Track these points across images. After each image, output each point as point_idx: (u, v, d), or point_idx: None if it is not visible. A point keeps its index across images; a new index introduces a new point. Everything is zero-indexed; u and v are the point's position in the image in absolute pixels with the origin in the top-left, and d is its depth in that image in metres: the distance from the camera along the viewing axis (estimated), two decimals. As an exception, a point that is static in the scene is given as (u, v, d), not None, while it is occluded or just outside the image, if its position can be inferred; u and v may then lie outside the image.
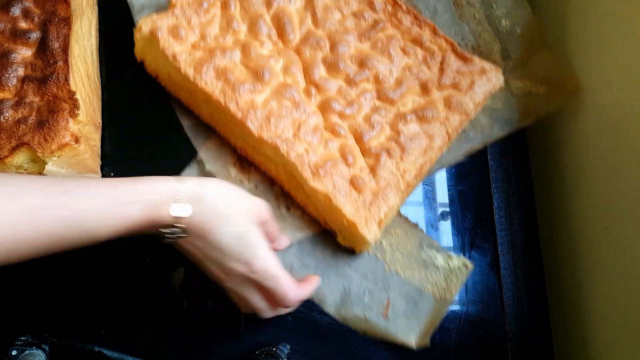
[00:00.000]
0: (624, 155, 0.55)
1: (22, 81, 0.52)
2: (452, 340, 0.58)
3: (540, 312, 0.61)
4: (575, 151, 0.63)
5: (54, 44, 0.53)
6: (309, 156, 0.54)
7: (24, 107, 0.51)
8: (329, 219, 0.57)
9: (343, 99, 0.58)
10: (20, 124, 0.50)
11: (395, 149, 0.56)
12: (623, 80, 0.56)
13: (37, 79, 0.52)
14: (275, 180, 0.60)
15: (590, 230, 0.60)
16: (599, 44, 0.60)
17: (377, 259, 0.58)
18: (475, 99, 0.59)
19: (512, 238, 0.63)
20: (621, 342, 0.54)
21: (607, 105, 0.59)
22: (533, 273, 0.63)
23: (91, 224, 0.39)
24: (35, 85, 0.52)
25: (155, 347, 0.54)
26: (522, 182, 0.66)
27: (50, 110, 0.51)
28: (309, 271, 0.56)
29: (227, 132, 0.60)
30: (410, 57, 0.60)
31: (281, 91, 0.56)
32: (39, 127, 0.50)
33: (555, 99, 0.64)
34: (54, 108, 0.51)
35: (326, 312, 0.56)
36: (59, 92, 0.52)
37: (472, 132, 0.64)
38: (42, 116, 0.50)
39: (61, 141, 0.50)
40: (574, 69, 0.63)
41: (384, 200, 0.54)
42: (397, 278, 0.57)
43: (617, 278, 0.55)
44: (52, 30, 0.54)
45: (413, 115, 0.58)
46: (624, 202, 0.55)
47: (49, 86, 0.52)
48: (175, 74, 0.57)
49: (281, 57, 0.58)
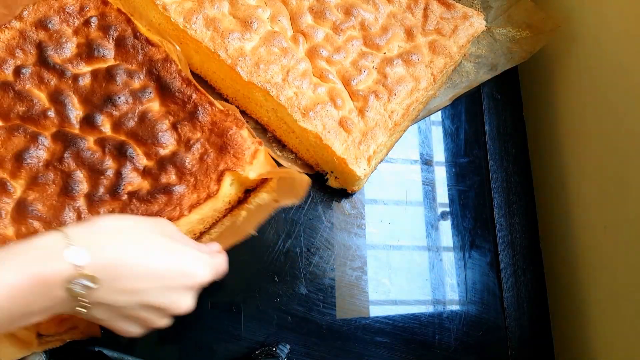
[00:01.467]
0: (624, 155, 0.55)
1: (174, 130, 0.52)
2: (452, 340, 0.58)
3: (540, 312, 0.61)
4: (575, 151, 0.63)
5: (174, 85, 0.54)
6: (298, 99, 0.56)
7: (196, 147, 0.51)
8: (320, 160, 0.59)
9: (330, 46, 0.60)
10: (205, 161, 0.51)
11: (382, 92, 0.58)
12: (620, 79, 0.56)
13: (185, 119, 0.52)
14: (267, 128, 0.62)
15: (590, 231, 0.60)
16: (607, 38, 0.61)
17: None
18: (458, 42, 0.62)
19: (512, 238, 0.63)
20: (621, 342, 0.54)
21: (608, 105, 0.59)
22: (533, 273, 0.63)
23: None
24: (189, 126, 0.52)
25: (155, 347, 0.54)
26: (522, 182, 0.66)
27: (220, 134, 0.52)
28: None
29: (218, 81, 0.62)
30: (394, 4, 0.63)
31: (269, 39, 0.58)
32: (223, 153, 0.51)
33: (538, 40, 0.67)
34: (221, 131, 0.52)
35: (325, 312, 0.56)
36: (214, 117, 0.53)
37: (458, 79, 0.67)
38: (218, 143, 0.52)
39: (250, 150, 0.52)
40: (554, 12, 0.66)
41: (372, 139, 0.56)
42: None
43: (616, 278, 0.55)
44: (163, 75, 0.54)
45: (399, 59, 0.60)
46: (624, 203, 0.55)
47: (202, 119, 0.52)
48: (165, 24, 0.59)
49: (268, 6, 0.60)
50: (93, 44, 0.55)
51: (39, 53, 0.53)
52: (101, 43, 0.55)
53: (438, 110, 0.67)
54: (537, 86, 0.71)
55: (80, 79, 0.53)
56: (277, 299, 0.56)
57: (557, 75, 0.68)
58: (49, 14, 0.55)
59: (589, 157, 0.61)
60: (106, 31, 0.55)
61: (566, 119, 0.65)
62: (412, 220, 0.62)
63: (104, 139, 0.51)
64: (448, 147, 0.67)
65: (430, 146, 0.66)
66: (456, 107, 0.69)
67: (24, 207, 0.47)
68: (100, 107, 0.52)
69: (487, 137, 0.68)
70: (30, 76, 0.52)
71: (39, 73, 0.53)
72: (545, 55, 0.69)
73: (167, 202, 0.49)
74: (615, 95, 0.57)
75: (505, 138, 0.65)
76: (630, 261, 0.53)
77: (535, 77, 0.72)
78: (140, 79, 0.54)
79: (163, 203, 0.49)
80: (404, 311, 0.58)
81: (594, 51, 0.62)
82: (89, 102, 0.53)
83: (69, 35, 0.55)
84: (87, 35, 0.55)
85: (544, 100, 0.70)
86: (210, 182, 0.50)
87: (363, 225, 0.61)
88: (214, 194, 0.49)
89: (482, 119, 0.69)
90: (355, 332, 0.56)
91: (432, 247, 0.62)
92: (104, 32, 0.55)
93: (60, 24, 0.55)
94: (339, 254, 0.59)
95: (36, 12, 0.55)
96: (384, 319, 0.58)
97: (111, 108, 0.52)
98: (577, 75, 0.64)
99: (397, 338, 0.57)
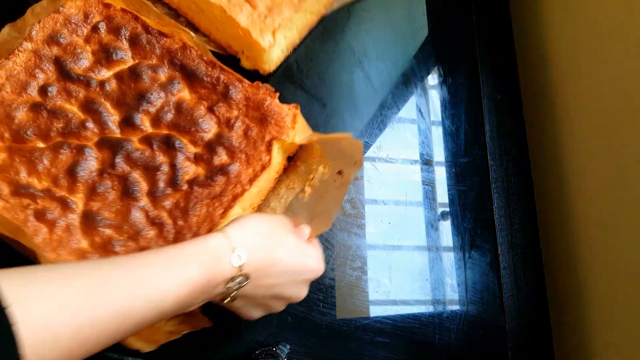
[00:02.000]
0: (624, 155, 0.55)
1: (212, 113, 0.54)
2: (452, 340, 0.58)
3: (540, 311, 0.61)
4: (575, 151, 0.64)
5: (200, 70, 0.55)
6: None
7: (237, 124, 0.53)
8: (230, 38, 0.60)
9: None
10: (250, 136, 0.53)
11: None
12: (620, 80, 0.56)
13: (219, 101, 0.54)
14: (179, 12, 0.63)
15: (590, 230, 0.60)
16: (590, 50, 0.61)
17: None
18: None
19: (512, 238, 0.63)
20: (620, 342, 0.54)
21: (607, 106, 0.59)
22: (533, 273, 0.63)
23: (153, 293, 0.36)
24: (225, 107, 0.54)
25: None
26: (522, 182, 0.66)
27: (256, 107, 0.54)
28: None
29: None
30: None
31: None
32: (265, 124, 0.53)
33: None
34: (257, 105, 0.54)
35: (325, 312, 0.56)
36: (247, 92, 0.55)
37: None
38: (257, 116, 0.54)
39: (290, 116, 0.54)
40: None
41: (278, 14, 0.58)
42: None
43: (616, 278, 0.55)
44: (186, 63, 0.55)
45: None
46: (624, 202, 0.55)
47: (235, 97, 0.54)
48: None
49: None
50: (109, 48, 0.55)
51: (59, 68, 0.53)
52: (116, 45, 0.55)
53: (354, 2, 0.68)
54: (537, 86, 0.71)
55: (106, 84, 0.54)
56: (277, 299, 0.55)
57: (557, 75, 0.68)
58: (56, 28, 0.55)
59: (589, 157, 0.61)
60: (117, 33, 0.55)
61: (566, 118, 0.65)
62: (412, 220, 0.61)
63: (148, 136, 0.52)
64: (448, 147, 0.67)
65: (430, 146, 0.66)
66: (456, 107, 0.69)
67: (91, 218, 0.48)
68: (135, 107, 0.53)
69: (487, 137, 0.68)
70: (58, 93, 0.52)
71: (65, 88, 0.53)
72: (545, 54, 0.69)
73: (226, 182, 0.51)
74: (615, 95, 0.57)
75: (505, 138, 0.65)
76: (630, 261, 0.53)
77: (535, 77, 0.72)
78: (165, 71, 0.55)
79: (223, 183, 0.51)
80: (404, 311, 0.58)
81: (594, 50, 0.62)
82: (122, 104, 0.53)
83: (81, 45, 0.55)
84: (100, 41, 0.55)
85: (544, 100, 0.70)
86: (261, 154, 0.52)
87: (363, 225, 0.61)
88: (268, 164, 0.52)
89: (482, 119, 0.69)
90: (355, 332, 0.56)
91: (432, 247, 0.62)
92: (116, 35, 0.55)
93: (70, 35, 0.55)
94: (339, 253, 0.59)
95: (44, 30, 0.54)
96: (384, 318, 0.58)
97: (146, 105, 0.53)
98: (577, 75, 0.64)
99: (397, 338, 0.57)
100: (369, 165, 0.63)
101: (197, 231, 0.49)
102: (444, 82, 0.71)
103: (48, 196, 0.48)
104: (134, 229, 0.48)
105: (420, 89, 0.70)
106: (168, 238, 0.49)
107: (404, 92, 0.69)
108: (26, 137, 0.50)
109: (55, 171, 0.49)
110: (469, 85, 0.71)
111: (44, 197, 0.48)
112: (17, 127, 0.50)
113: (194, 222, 0.50)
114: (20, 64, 0.53)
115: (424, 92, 0.70)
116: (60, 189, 0.49)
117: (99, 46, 0.55)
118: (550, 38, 0.69)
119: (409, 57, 0.71)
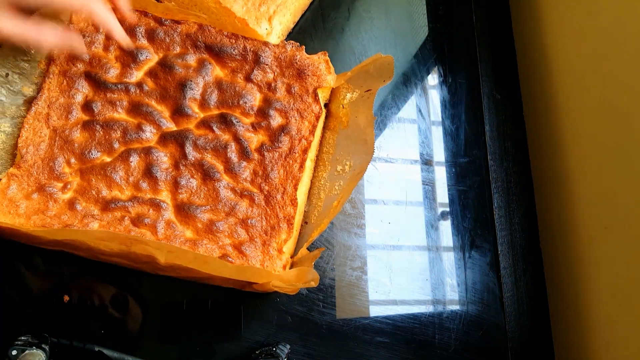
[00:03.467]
0: (624, 155, 0.55)
1: (250, 82, 0.56)
2: (452, 340, 0.58)
3: (540, 312, 0.62)
4: (574, 151, 0.64)
5: (224, 45, 0.56)
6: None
7: (278, 86, 0.56)
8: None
9: None
10: (294, 93, 0.56)
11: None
12: (620, 80, 0.56)
13: (253, 69, 0.56)
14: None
15: (590, 231, 0.60)
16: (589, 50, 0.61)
17: None
18: None
19: (512, 238, 0.63)
20: (621, 342, 0.54)
21: (607, 105, 0.59)
22: (533, 273, 0.63)
23: None
24: (260, 73, 0.56)
25: (155, 347, 0.53)
26: (522, 182, 0.66)
27: (289, 65, 0.56)
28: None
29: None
30: None
31: None
32: (303, 77, 0.56)
33: None
34: (289, 62, 0.56)
35: (325, 312, 0.56)
36: (275, 53, 0.57)
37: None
38: (293, 73, 0.56)
39: (322, 63, 0.57)
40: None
41: (272, 1, 0.59)
42: None
43: (616, 278, 0.55)
44: (210, 43, 0.56)
45: None
46: (624, 203, 0.55)
47: (267, 61, 0.56)
48: None
49: None
50: (131, 50, 0.54)
51: (93, 83, 0.53)
52: (137, 46, 0.55)
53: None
54: (537, 86, 0.71)
55: (143, 85, 0.54)
56: (277, 298, 0.56)
57: (556, 75, 0.68)
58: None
59: (589, 157, 0.61)
60: (133, 33, 0.55)
61: (566, 118, 0.65)
62: (412, 220, 0.61)
63: (203, 121, 0.54)
64: (448, 147, 0.67)
65: (430, 146, 0.67)
66: (456, 107, 0.69)
67: (185, 209, 0.50)
68: (180, 97, 0.54)
69: (487, 137, 0.68)
70: (102, 106, 0.53)
71: (107, 99, 0.53)
72: (545, 54, 0.69)
73: (290, 140, 0.54)
74: (616, 95, 0.57)
75: (505, 138, 0.65)
76: (631, 261, 0.53)
77: (535, 77, 0.72)
78: (193, 57, 0.56)
79: (288, 142, 0.54)
80: (404, 311, 0.58)
81: (595, 50, 0.62)
82: (166, 98, 0.54)
83: (103, 55, 0.55)
84: (119, 45, 0.55)
85: (543, 100, 0.70)
86: (311, 106, 0.56)
87: (363, 225, 0.61)
88: (320, 113, 0.56)
89: (482, 118, 0.69)
90: (355, 332, 0.56)
91: (432, 247, 0.62)
92: (132, 35, 0.55)
93: (89, 48, 0.54)
94: (339, 254, 0.59)
95: (62, 49, 0.53)
96: (384, 318, 0.58)
97: (190, 93, 0.54)
98: (578, 75, 0.64)
99: (397, 338, 0.57)
100: (369, 165, 0.63)
101: (285, 190, 0.53)
102: (444, 82, 0.71)
103: (137, 203, 0.50)
104: (229, 206, 0.51)
105: (421, 88, 0.70)
106: (261, 204, 0.53)
107: (404, 92, 0.69)
108: (91, 157, 0.51)
109: (134, 179, 0.51)
110: (469, 85, 0.71)
111: (134, 205, 0.50)
112: (79, 149, 0.51)
113: (278, 183, 0.53)
114: (54, 89, 0.53)
115: (424, 92, 0.70)
116: (144, 193, 0.51)
117: (120, 51, 0.55)
118: (550, 38, 0.69)
119: (409, 57, 0.71)
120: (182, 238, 0.49)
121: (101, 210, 0.49)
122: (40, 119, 0.51)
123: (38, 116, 0.51)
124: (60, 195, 0.49)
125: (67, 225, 0.47)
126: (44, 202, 0.49)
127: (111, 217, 0.49)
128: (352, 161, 0.54)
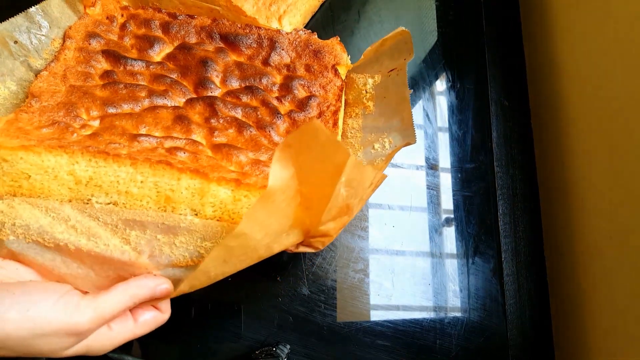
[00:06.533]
0: (631, 164, 0.55)
1: (269, 66, 0.56)
2: (453, 346, 0.57)
3: (543, 320, 0.61)
4: (581, 159, 0.63)
5: (239, 35, 0.57)
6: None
7: (297, 67, 0.56)
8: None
9: None
10: (314, 71, 0.56)
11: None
12: (629, 89, 0.56)
13: (270, 54, 0.57)
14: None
15: (595, 240, 0.59)
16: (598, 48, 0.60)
17: None
18: None
19: (516, 245, 0.63)
20: (624, 353, 0.53)
21: (615, 114, 0.58)
22: (536, 281, 0.62)
23: None
24: (278, 58, 0.57)
25: (155, 347, 0.54)
26: (527, 189, 0.66)
27: (305, 47, 0.57)
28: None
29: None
30: None
31: None
32: (320, 57, 0.57)
33: None
34: (304, 45, 0.58)
35: (326, 313, 0.56)
36: (290, 39, 0.58)
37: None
38: (310, 54, 0.57)
39: (337, 44, 0.58)
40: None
41: (283, 0, 0.61)
42: None
43: (620, 289, 0.55)
44: (225, 33, 0.57)
45: None
46: (630, 212, 0.54)
47: (283, 47, 0.57)
48: None
49: None
50: (149, 36, 0.54)
51: (112, 57, 0.52)
52: (154, 36, 0.55)
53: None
54: (545, 93, 0.71)
55: (164, 64, 0.54)
56: (278, 298, 0.56)
57: (565, 83, 0.68)
58: (89, 29, 0.54)
59: (595, 165, 0.61)
60: (148, 26, 0.56)
61: (574, 127, 0.65)
62: (416, 225, 0.61)
63: (228, 92, 0.53)
64: (454, 152, 0.67)
65: (437, 151, 0.66)
66: (463, 113, 0.69)
67: (224, 149, 0.47)
68: (203, 72, 0.53)
69: (494, 143, 0.68)
70: (122, 76, 0.51)
71: (127, 72, 0.51)
72: (554, 61, 0.69)
73: (319, 106, 0.54)
74: (624, 103, 0.57)
75: (511, 144, 0.65)
76: (635, 271, 0.53)
77: (543, 84, 0.71)
78: (210, 46, 0.56)
79: (317, 108, 0.54)
80: (406, 315, 0.58)
81: (605, 58, 0.61)
82: (188, 74, 0.53)
83: (120, 42, 0.55)
84: (135, 34, 0.55)
85: (551, 107, 0.69)
86: (332, 80, 0.56)
87: (367, 228, 0.61)
88: (343, 85, 0.56)
89: (489, 125, 0.68)
90: (356, 335, 0.56)
91: (435, 253, 0.62)
92: (147, 28, 0.56)
93: (106, 34, 0.55)
94: (342, 255, 0.59)
95: (79, 32, 0.53)
96: (385, 322, 0.57)
97: (212, 69, 0.54)
98: (587, 83, 0.63)
99: (398, 342, 0.57)
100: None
101: None
102: (452, 88, 0.71)
103: (170, 139, 0.46)
104: (268, 156, 0.48)
105: (428, 93, 0.70)
106: None
107: (412, 97, 0.69)
108: (115, 111, 0.47)
109: (164, 123, 0.48)
110: (477, 91, 0.71)
111: (166, 140, 0.46)
112: (100, 102, 0.47)
113: None
114: (71, 59, 0.51)
115: (432, 97, 0.70)
116: (178, 133, 0.47)
117: (136, 40, 0.55)
118: (559, 45, 0.69)
119: (418, 62, 0.71)
120: (226, 170, 0.46)
121: (129, 140, 0.45)
122: (56, 77, 0.48)
123: (53, 74, 0.49)
124: (79, 131, 0.44)
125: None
126: (60, 133, 0.43)
127: (141, 147, 0.44)
128: (392, 138, 0.52)
